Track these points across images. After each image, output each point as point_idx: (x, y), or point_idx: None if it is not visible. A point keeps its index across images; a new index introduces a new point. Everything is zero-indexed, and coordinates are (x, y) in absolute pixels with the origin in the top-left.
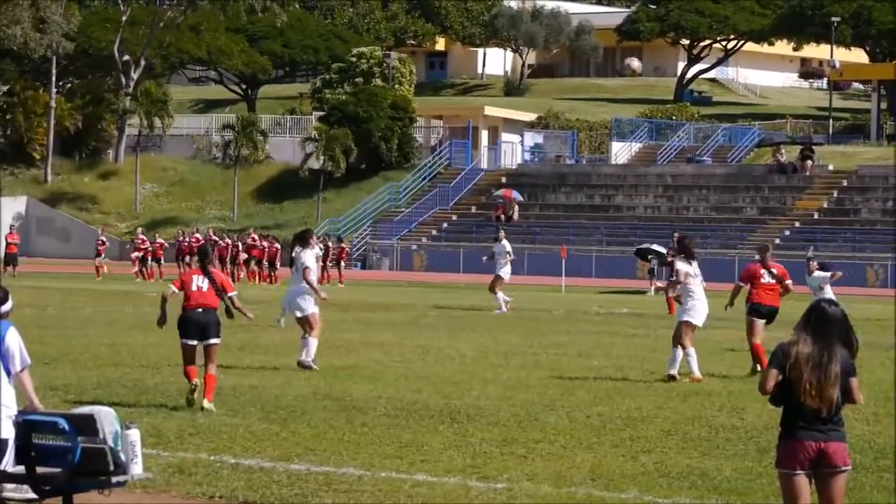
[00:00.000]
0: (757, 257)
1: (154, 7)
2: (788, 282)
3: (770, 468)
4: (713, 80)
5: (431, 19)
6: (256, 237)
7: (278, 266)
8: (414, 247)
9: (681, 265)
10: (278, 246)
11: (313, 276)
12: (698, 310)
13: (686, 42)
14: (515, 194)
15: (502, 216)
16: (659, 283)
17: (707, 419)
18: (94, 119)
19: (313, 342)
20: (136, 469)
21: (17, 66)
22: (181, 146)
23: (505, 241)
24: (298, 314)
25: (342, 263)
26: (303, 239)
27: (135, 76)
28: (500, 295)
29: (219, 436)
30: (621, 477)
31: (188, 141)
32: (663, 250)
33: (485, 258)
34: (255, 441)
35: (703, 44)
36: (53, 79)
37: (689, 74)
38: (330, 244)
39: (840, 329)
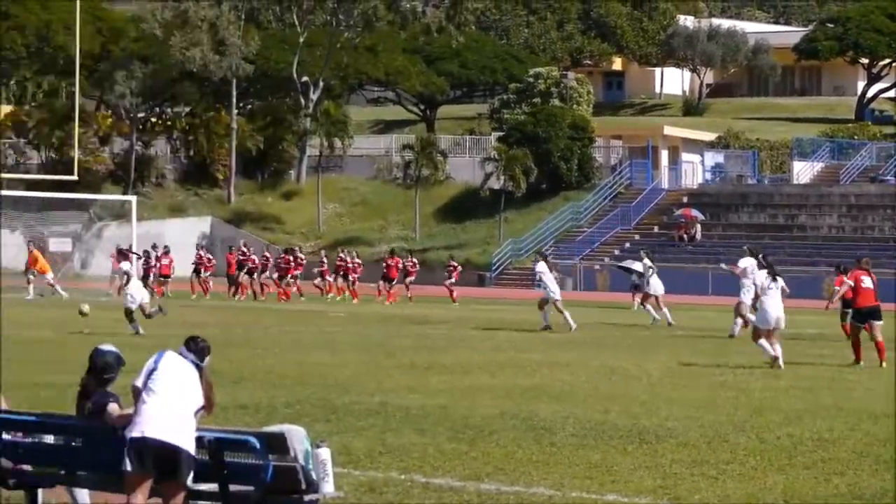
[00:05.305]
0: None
1: (331, 28)
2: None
3: None
4: (894, 100)
5: (607, 39)
6: (345, 256)
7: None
8: (597, 266)
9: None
10: (359, 261)
11: None
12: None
13: (865, 61)
14: (697, 213)
15: (685, 236)
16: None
17: None
18: (275, 140)
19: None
20: (328, 487)
21: (198, 88)
22: (361, 166)
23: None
24: None
25: (452, 279)
26: None
27: (314, 97)
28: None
29: (409, 455)
30: (814, 499)
31: (368, 161)
32: (639, 268)
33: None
34: (444, 460)
35: (882, 63)
36: (234, 101)
37: (870, 93)
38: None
39: None
